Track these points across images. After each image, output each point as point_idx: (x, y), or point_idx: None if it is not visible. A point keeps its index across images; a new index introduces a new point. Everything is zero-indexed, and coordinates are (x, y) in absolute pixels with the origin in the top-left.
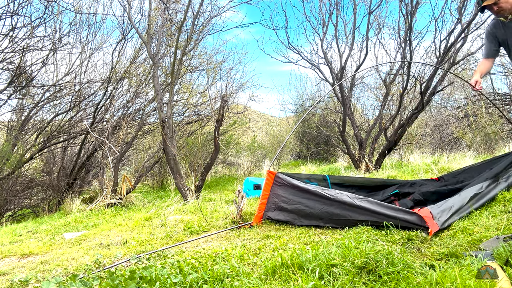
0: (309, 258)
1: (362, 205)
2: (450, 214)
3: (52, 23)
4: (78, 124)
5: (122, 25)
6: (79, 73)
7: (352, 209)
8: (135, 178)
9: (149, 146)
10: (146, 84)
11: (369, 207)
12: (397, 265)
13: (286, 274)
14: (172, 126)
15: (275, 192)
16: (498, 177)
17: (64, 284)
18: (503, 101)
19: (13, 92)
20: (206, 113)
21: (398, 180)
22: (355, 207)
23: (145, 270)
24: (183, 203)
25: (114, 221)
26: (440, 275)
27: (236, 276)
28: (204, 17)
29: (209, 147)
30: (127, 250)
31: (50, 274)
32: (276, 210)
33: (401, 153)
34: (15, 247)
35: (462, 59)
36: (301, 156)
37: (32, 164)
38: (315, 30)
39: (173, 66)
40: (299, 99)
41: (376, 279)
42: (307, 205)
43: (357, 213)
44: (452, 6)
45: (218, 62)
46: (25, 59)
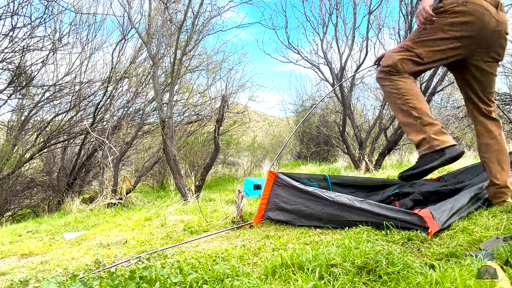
0: (309, 258)
1: (361, 207)
2: (451, 214)
3: (52, 23)
4: (78, 124)
5: (122, 25)
6: (79, 73)
7: (351, 211)
8: (135, 178)
9: (149, 146)
10: (146, 84)
11: (369, 208)
12: (397, 265)
13: (286, 274)
14: (172, 126)
15: (275, 192)
16: None
17: (64, 284)
18: (503, 101)
19: (13, 92)
20: (206, 113)
21: (398, 180)
22: (355, 209)
23: (145, 270)
24: (183, 203)
25: (114, 221)
26: (440, 275)
27: (236, 276)
28: (204, 17)
29: (209, 147)
30: (127, 250)
31: (50, 274)
32: (276, 210)
33: (401, 153)
34: (15, 247)
35: None
36: (301, 156)
37: (32, 164)
38: (315, 30)
39: (173, 66)
40: (299, 99)
41: (376, 279)
42: (307, 205)
43: (357, 214)
44: None
45: (218, 62)
46: (25, 59)
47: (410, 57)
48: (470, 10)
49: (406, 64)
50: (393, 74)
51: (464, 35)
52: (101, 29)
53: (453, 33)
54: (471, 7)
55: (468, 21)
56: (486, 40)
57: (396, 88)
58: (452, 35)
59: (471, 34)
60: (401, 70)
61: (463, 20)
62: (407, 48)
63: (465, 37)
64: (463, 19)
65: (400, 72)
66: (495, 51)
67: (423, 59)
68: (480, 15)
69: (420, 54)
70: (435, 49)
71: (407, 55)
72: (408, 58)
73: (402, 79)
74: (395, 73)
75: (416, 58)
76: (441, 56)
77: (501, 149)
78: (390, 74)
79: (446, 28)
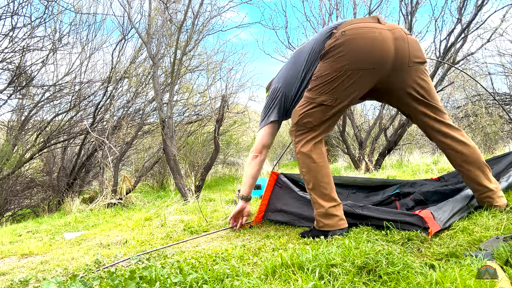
0: (309, 258)
1: (361, 213)
2: (452, 214)
3: (52, 23)
4: (78, 124)
5: (122, 25)
6: (79, 73)
7: (352, 216)
8: (135, 178)
9: (149, 146)
10: (146, 84)
11: (369, 214)
12: (397, 265)
13: (286, 274)
14: (172, 126)
15: (277, 194)
16: (498, 177)
17: (64, 284)
18: (503, 101)
19: (13, 92)
20: (206, 113)
21: (398, 180)
22: (355, 215)
23: (145, 270)
24: (183, 203)
25: (114, 221)
26: (440, 275)
27: (236, 276)
28: (204, 17)
29: (209, 147)
30: (127, 250)
31: (50, 274)
32: (276, 211)
33: (401, 153)
34: (15, 247)
35: (462, 59)
36: None
37: (32, 164)
38: (315, 30)
39: (173, 66)
40: None
41: (376, 279)
42: (307, 210)
43: (357, 219)
44: (452, 6)
45: (218, 62)
46: (25, 59)
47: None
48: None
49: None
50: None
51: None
52: (101, 29)
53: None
54: (350, 32)
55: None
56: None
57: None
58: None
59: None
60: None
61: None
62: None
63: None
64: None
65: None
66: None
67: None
68: (366, 36)
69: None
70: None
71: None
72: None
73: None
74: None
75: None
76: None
77: (476, 154)
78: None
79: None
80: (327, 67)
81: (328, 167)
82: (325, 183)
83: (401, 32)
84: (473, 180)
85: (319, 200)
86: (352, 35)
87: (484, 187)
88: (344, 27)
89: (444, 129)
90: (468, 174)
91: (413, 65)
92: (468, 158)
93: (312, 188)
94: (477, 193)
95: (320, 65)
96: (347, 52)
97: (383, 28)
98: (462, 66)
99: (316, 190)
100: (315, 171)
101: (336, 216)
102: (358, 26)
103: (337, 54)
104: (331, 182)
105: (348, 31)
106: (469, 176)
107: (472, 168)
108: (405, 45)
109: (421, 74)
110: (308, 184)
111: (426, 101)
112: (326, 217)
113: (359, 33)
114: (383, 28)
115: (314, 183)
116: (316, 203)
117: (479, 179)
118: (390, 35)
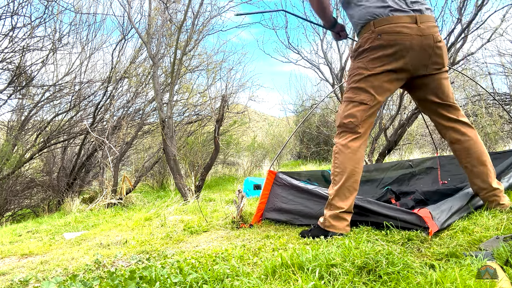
0: (309, 258)
1: (361, 205)
2: (450, 214)
3: (52, 23)
4: (78, 124)
5: (122, 25)
6: (79, 73)
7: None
8: (135, 178)
9: (149, 146)
10: (146, 84)
11: (369, 207)
12: (397, 265)
13: (286, 274)
14: (172, 126)
15: (275, 192)
16: (499, 177)
17: (64, 284)
18: (503, 101)
19: (13, 92)
20: (206, 113)
21: (394, 162)
22: (355, 207)
23: (145, 270)
24: (183, 203)
25: (114, 221)
26: (440, 275)
27: (236, 276)
28: (204, 17)
29: (209, 147)
30: (127, 250)
31: (50, 274)
32: (275, 210)
33: (401, 153)
34: (15, 247)
35: (462, 59)
36: (301, 156)
37: (32, 164)
38: (315, 30)
39: (173, 66)
40: (299, 99)
41: (376, 279)
42: (306, 205)
43: (356, 213)
44: (452, 6)
45: (218, 62)
46: (25, 59)
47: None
48: (387, 42)
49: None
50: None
51: (396, 66)
52: (101, 29)
53: (383, 68)
54: (387, 38)
55: (391, 53)
56: (419, 60)
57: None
58: (383, 69)
59: (400, 63)
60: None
61: (387, 53)
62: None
63: (397, 67)
64: (386, 52)
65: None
66: (433, 64)
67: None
68: (400, 42)
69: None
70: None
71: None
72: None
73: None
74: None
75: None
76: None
77: (482, 150)
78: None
79: (370, 66)
80: (361, 66)
81: (360, 173)
82: (352, 188)
83: (430, 40)
84: (479, 177)
85: (337, 202)
86: (385, 41)
87: (490, 185)
88: (381, 26)
89: (454, 125)
90: (475, 171)
91: (431, 71)
92: (475, 154)
93: (337, 186)
94: (483, 191)
95: (353, 64)
96: (380, 56)
97: (416, 34)
98: (462, 66)
99: (340, 190)
100: (349, 173)
101: (345, 221)
102: (393, 30)
103: (370, 55)
104: (356, 190)
105: (384, 35)
106: (475, 173)
107: (479, 165)
108: (428, 53)
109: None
110: (336, 181)
111: (443, 102)
112: (336, 219)
113: (393, 39)
114: (416, 34)
115: (342, 184)
116: (332, 204)
117: (485, 176)
118: (419, 43)
